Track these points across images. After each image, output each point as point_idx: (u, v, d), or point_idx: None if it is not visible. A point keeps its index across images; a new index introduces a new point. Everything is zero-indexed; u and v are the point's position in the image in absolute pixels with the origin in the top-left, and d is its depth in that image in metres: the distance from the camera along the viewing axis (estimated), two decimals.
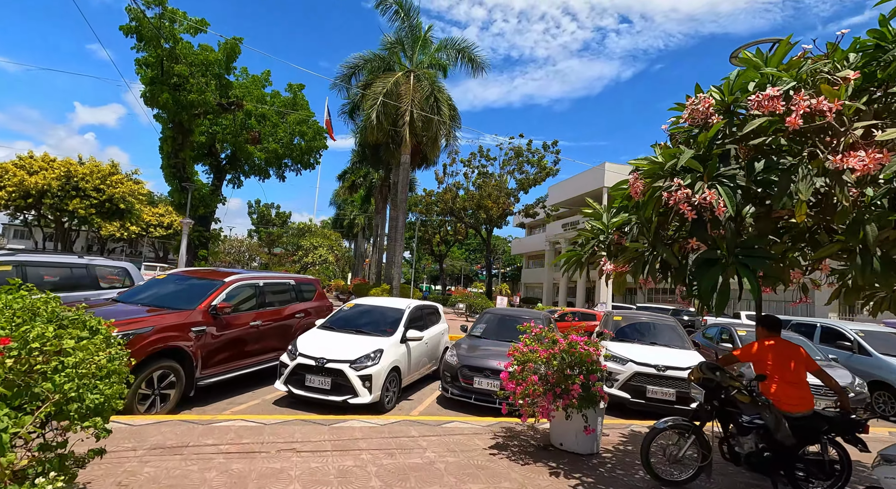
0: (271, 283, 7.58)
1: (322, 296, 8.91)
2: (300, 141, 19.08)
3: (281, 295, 7.81)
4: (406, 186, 19.12)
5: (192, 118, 15.34)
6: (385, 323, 7.18)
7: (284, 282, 7.95)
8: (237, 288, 6.71)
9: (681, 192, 2.76)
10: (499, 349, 7.03)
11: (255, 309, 7.02)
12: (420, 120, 18.49)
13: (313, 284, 8.82)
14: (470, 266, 70.57)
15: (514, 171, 30.71)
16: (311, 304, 8.43)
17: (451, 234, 38.51)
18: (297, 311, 7.94)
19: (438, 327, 8.59)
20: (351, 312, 7.54)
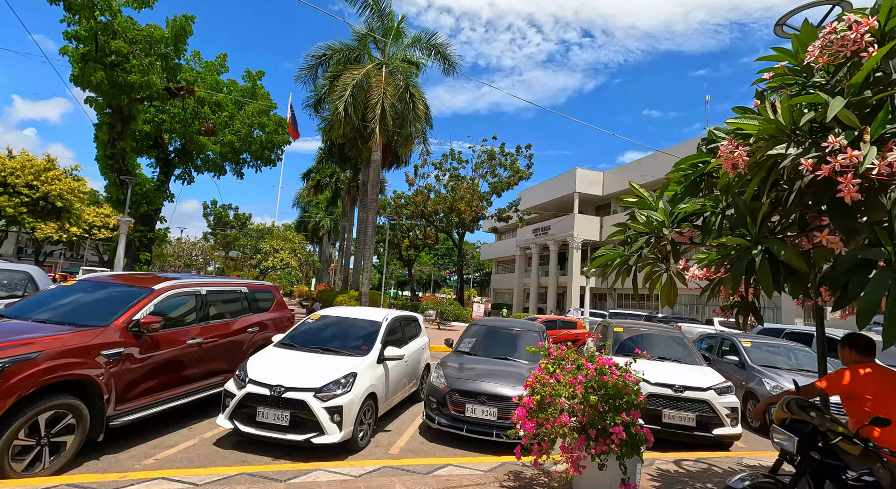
0: (218, 291, 6.23)
1: (281, 306, 7.58)
2: (260, 134, 17.44)
3: (230, 305, 6.47)
4: (377, 186, 17.88)
5: (134, 103, 13.52)
6: (358, 338, 5.98)
7: (235, 289, 6.61)
8: (171, 297, 5.35)
9: (844, 156, 1.80)
10: (493, 368, 5.98)
11: (196, 323, 5.67)
12: (392, 115, 17.33)
13: (271, 292, 7.49)
14: (439, 271, 69.53)
15: (486, 175, 29.99)
16: (267, 316, 7.10)
17: (421, 239, 37.35)
18: (251, 325, 6.61)
19: (419, 341, 7.46)
20: (316, 326, 6.29)
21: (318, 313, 6.60)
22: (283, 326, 7.38)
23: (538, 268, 39.21)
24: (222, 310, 6.26)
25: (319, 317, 6.45)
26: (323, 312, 6.58)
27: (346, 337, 6.03)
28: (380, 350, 5.75)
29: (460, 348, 6.75)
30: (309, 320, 6.41)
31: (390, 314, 6.67)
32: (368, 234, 17.72)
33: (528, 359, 6.35)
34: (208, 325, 5.83)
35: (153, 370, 4.94)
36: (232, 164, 18.92)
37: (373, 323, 6.24)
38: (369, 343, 5.83)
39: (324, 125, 21.62)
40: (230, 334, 6.19)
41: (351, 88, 16.23)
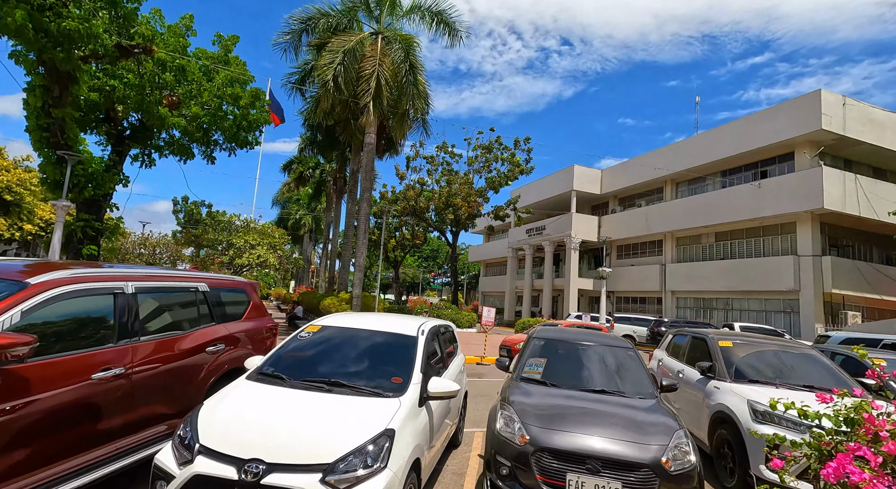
0: (157, 290, 3.94)
1: (259, 312, 5.30)
2: (233, 108, 14.92)
3: (179, 311, 4.18)
4: (371, 172, 15.61)
5: (74, 61, 10.93)
6: (385, 365, 3.78)
7: (186, 287, 4.30)
8: (62, 299, 3.05)
9: None
10: (594, 408, 3.89)
11: (116, 341, 3.39)
12: (388, 91, 15.11)
13: (244, 291, 5.19)
14: (423, 274, 67.24)
15: (483, 169, 27.98)
16: (239, 326, 4.82)
17: (409, 239, 35.06)
18: (212, 341, 4.34)
19: (458, 361, 5.30)
20: (316, 344, 4.03)
21: (316, 323, 4.34)
22: (262, 343, 5.10)
23: (532, 269, 37.41)
24: (165, 320, 3.97)
25: (319, 329, 4.20)
26: (324, 322, 4.33)
27: (367, 363, 3.81)
28: (421, 384, 3.56)
29: (526, 374, 4.60)
30: (303, 334, 4.15)
31: (426, 324, 4.48)
32: (361, 228, 15.40)
33: (637, 391, 4.28)
34: (139, 344, 3.54)
35: (24, 430, 2.65)
36: (201, 147, 16.34)
37: (404, 339, 4.04)
38: (404, 372, 3.64)
39: (307, 108, 19.22)
40: (178, 356, 3.90)
41: (342, 55, 13.94)
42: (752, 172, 24.23)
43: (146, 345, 3.61)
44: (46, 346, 2.87)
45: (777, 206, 21.25)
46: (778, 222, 22.29)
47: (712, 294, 25.44)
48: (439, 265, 77.33)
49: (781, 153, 22.63)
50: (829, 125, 19.75)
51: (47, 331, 2.93)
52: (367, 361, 3.81)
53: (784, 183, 21.22)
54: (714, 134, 25.65)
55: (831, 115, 19.84)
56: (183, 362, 3.94)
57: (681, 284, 27.20)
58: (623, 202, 33.90)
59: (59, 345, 2.99)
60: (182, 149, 16.45)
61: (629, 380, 4.45)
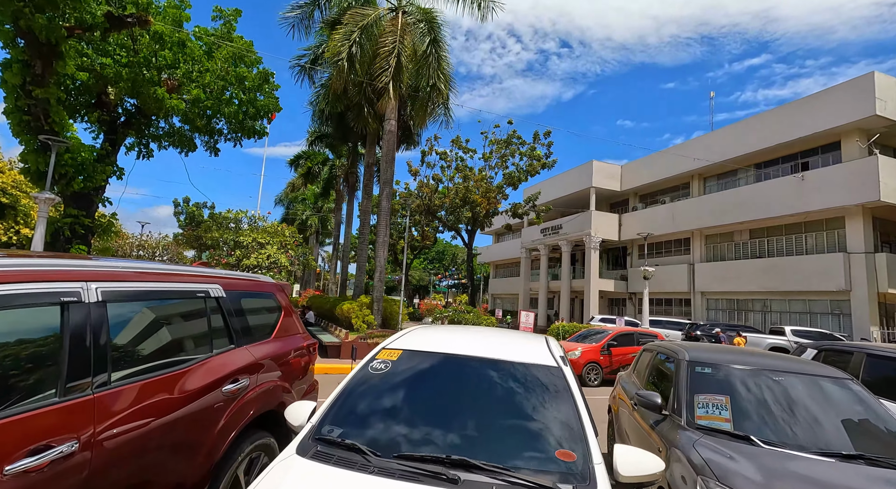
0: (146, 295, 2.40)
1: (293, 324, 3.75)
2: (238, 91, 13.38)
3: (182, 329, 2.65)
4: (392, 162, 14.08)
5: (58, 30, 9.45)
6: (530, 421, 2.23)
7: (192, 290, 2.75)
8: None
9: None
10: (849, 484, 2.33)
11: (64, 393, 1.85)
12: (409, 70, 13.60)
13: (272, 295, 3.64)
14: (429, 276, 65.75)
15: (501, 163, 26.45)
16: (269, 349, 3.29)
17: (419, 239, 33.53)
18: (231, 375, 2.79)
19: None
20: (401, 383, 2.46)
21: (390, 347, 2.76)
22: (299, 371, 3.57)
23: (547, 270, 35.85)
24: (157, 347, 2.43)
25: (399, 356, 2.62)
26: (402, 343, 2.75)
27: (496, 416, 2.26)
28: (604, 462, 2.02)
29: (704, 421, 3.03)
30: (376, 365, 2.58)
31: (552, 345, 2.95)
32: (382, 224, 13.88)
33: (875, 448, 2.73)
34: (108, 393, 2.02)
35: None
36: (203, 137, 14.86)
37: (543, 373, 2.49)
38: (569, 438, 2.10)
39: (317, 94, 17.74)
40: (177, 405, 2.38)
41: (359, 31, 12.44)
42: (790, 164, 22.69)
43: (122, 392, 2.08)
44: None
45: (824, 200, 19.70)
46: (823, 217, 20.74)
47: (747, 295, 23.87)
48: (445, 267, 75.78)
49: (825, 143, 21.10)
50: (884, 110, 18.23)
51: None
52: (495, 413, 2.27)
53: (832, 174, 19.67)
54: (747, 125, 24.13)
55: (885, 99, 18.33)
56: (186, 413, 2.41)
57: (711, 285, 25.63)
58: (644, 199, 32.37)
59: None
60: (183, 139, 14.96)
61: (871, 435, 2.91)
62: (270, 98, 14.43)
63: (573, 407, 2.26)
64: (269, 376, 3.17)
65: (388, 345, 2.78)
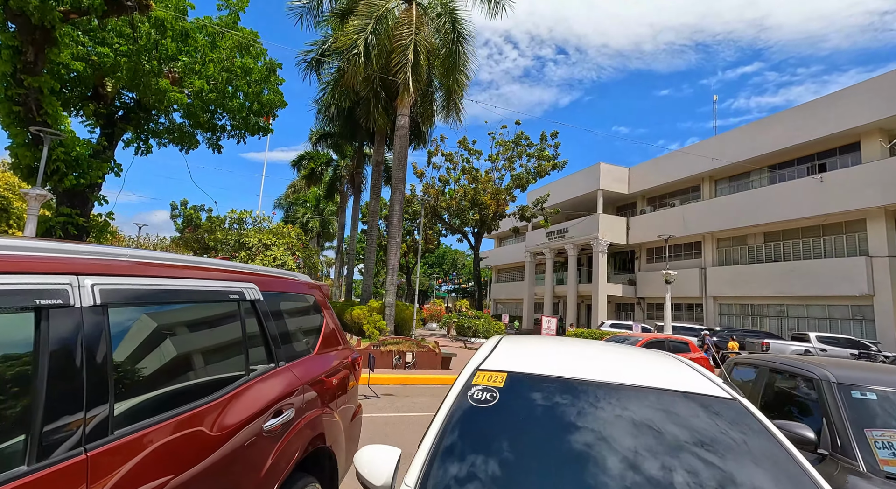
0: (160, 296, 1.67)
1: (337, 333, 3.02)
2: (243, 84, 12.68)
3: (210, 344, 1.92)
4: (404, 159, 13.40)
5: (52, 12, 8.75)
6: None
7: (222, 290, 2.01)
8: None
9: None
10: None
11: (30, 460, 1.11)
12: (425, 67, 12.97)
13: (312, 298, 2.90)
14: (429, 281, 64.99)
15: (508, 165, 25.84)
16: (314, 368, 2.55)
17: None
18: (273, 403, 2.06)
19: None
20: (528, 423, 1.74)
21: (493, 368, 2.03)
22: (347, 397, 2.84)
23: (553, 275, 35.20)
24: (174, 374, 1.70)
25: (507, 382, 1.90)
26: (507, 363, 2.04)
27: (676, 480, 1.51)
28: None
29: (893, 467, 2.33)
30: (482, 396, 1.85)
31: (706, 374, 2.23)
32: (395, 224, 13.18)
33: None
34: (110, 447, 1.28)
35: None
36: (205, 133, 14.15)
37: (720, 407, 1.78)
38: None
39: (323, 93, 17.06)
40: (205, 452, 1.63)
41: (374, 22, 11.80)
42: (807, 166, 22.20)
43: (128, 446, 1.35)
44: None
45: (844, 201, 19.17)
46: (843, 220, 20.21)
47: (762, 299, 23.28)
48: (445, 272, 75.01)
49: (844, 143, 20.62)
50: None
51: None
52: (675, 470, 1.55)
53: (853, 175, 19.16)
54: (760, 126, 23.66)
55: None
56: (217, 465, 1.68)
57: (724, 289, 25.03)
58: (652, 202, 31.83)
59: None
60: (184, 136, 14.22)
61: None
62: (276, 93, 13.75)
63: (788, 456, 1.55)
64: (316, 404, 2.44)
65: (482, 365, 2.06)
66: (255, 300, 2.19)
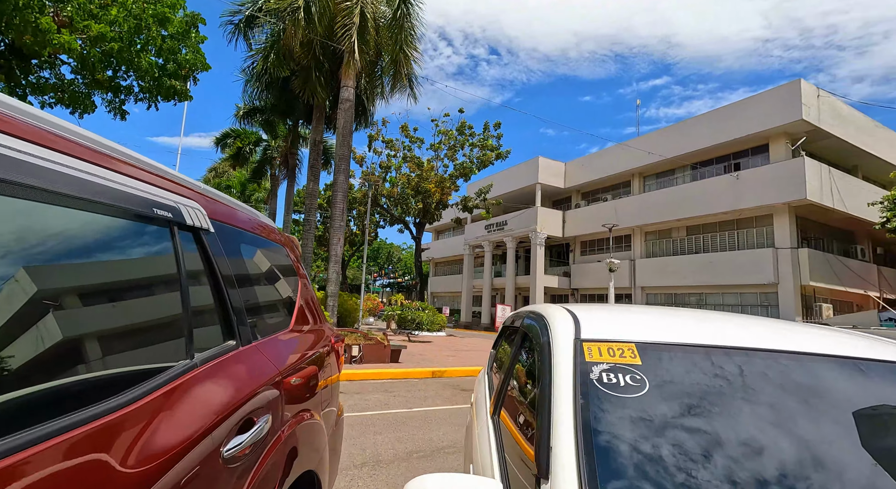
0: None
1: (315, 310, 2.10)
2: (156, 35, 10.70)
3: (107, 297, 0.94)
4: (349, 136, 12.19)
5: None
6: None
7: (125, 195, 1.05)
8: None
9: None
10: None
11: None
12: (371, 35, 11.89)
13: (282, 248, 1.95)
14: (365, 275, 62.86)
15: (451, 154, 25.31)
16: (291, 351, 1.62)
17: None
18: (230, 419, 1.12)
19: None
20: (687, 407, 1.03)
21: (608, 339, 1.29)
22: (332, 397, 1.94)
23: (491, 268, 35.44)
24: (46, 355, 0.74)
25: (647, 355, 1.18)
26: (624, 332, 1.32)
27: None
28: None
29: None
30: (613, 384, 1.09)
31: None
32: (339, 208, 11.97)
33: None
34: None
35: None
36: (106, 95, 11.86)
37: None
38: None
39: (254, 62, 15.24)
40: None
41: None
42: (724, 165, 24.13)
43: None
44: None
45: (756, 198, 21.02)
46: (754, 215, 22.19)
47: (684, 289, 25.02)
48: (381, 266, 73.22)
49: (755, 145, 22.63)
50: (808, 115, 19.79)
51: None
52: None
53: (764, 174, 21.05)
54: (685, 126, 25.34)
55: (810, 105, 19.92)
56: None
57: (651, 280, 26.61)
58: (587, 196, 33.09)
59: None
60: (77, 96, 11.83)
61: None
62: (196, 52, 11.85)
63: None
64: (298, 406, 1.55)
65: (591, 335, 1.30)
66: (201, 229, 1.25)
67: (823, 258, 20.94)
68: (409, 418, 6.00)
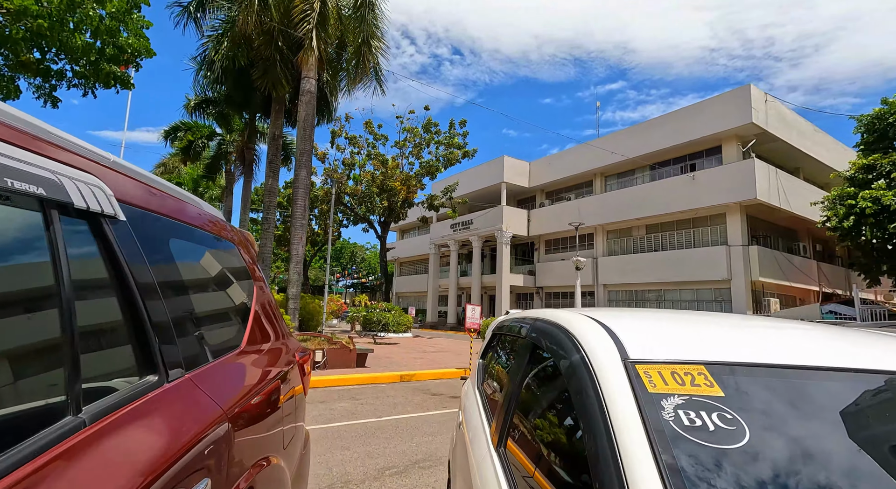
0: None
1: (274, 322, 1.71)
2: (92, 14, 9.69)
3: None
4: (311, 128, 11.53)
5: None
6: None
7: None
8: None
9: None
10: None
11: None
12: (333, 25, 11.34)
13: (232, 246, 1.55)
14: (329, 275, 61.23)
15: (416, 152, 24.89)
16: (241, 380, 1.23)
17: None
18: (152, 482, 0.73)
19: None
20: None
21: (671, 360, 1.00)
22: (297, 429, 1.56)
23: (457, 267, 35.30)
24: None
25: (726, 380, 0.91)
26: (686, 351, 1.04)
27: None
28: None
29: None
30: (688, 423, 0.81)
31: None
32: (300, 206, 11.30)
33: None
34: None
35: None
36: (34, 79, 10.66)
37: None
38: None
39: (206, 50, 14.30)
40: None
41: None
42: (680, 165, 25.04)
43: None
44: None
45: (711, 197, 21.91)
46: (709, 214, 23.13)
47: (644, 286, 25.78)
48: (343, 266, 71.58)
49: (710, 146, 23.60)
50: (758, 119, 20.81)
51: None
52: None
53: (718, 174, 21.96)
54: (644, 128, 26.11)
55: (759, 109, 20.95)
56: None
57: (613, 277, 27.25)
58: (551, 196, 33.55)
59: None
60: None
61: None
62: (139, 37, 10.87)
63: None
64: (251, 454, 1.17)
65: (642, 353, 0.99)
66: (103, 215, 0.86)
67: (771, 255, 22.10)
68: (379, 428, 5.62)
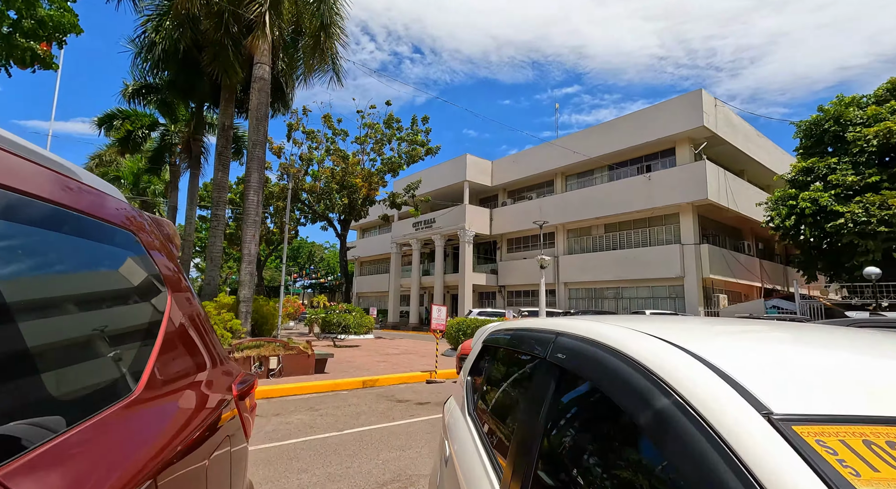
0: None
1: (194, 353, 1.22)
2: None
3: None
4: (264, 120, 10.66)
5: None
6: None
7: None
8: None
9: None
10: None
11: None
12: (288, 9, 10.59)
13: (129, 235, 1.06)
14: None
15: (377, 148, 24.18)
16: (122, 460, 0.75)
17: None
18: None
19: None
20: None
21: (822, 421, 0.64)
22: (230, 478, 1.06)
23: (419, 266, 34.82)
24: None
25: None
26: (801, 386, 0.69)
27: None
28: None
29: None
30: None
31: None
32: (252, 201, 10.44)
33: None
34: None
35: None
36: None
37: None
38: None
39: (146, 29, 13.09)
40: None
41: None
42: (637, 166, 25.78)
43: None
44: None
45: (666, 197, 22.66)
46: (664, 213, 23.93)
47: (603, 284, 26.36)
48: (301, 266, 69.20)
49: (664, 148, 24.42)
50: (708, 123, 21.71)
51: None
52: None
53: (672, 175, 22.74)
54: (604, 128, 26.69)
55: (710, 113, 21.86)
56: None
57: (573, 276, 27.70)
58: (513, 195, 33.73)
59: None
60: None
61: None
62: (64, 10, 9.66)
63: None
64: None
65: (793, 405, 0.61)
66: None
67: (720, 253, 23.17)
68: (341, 444, 5.11)
